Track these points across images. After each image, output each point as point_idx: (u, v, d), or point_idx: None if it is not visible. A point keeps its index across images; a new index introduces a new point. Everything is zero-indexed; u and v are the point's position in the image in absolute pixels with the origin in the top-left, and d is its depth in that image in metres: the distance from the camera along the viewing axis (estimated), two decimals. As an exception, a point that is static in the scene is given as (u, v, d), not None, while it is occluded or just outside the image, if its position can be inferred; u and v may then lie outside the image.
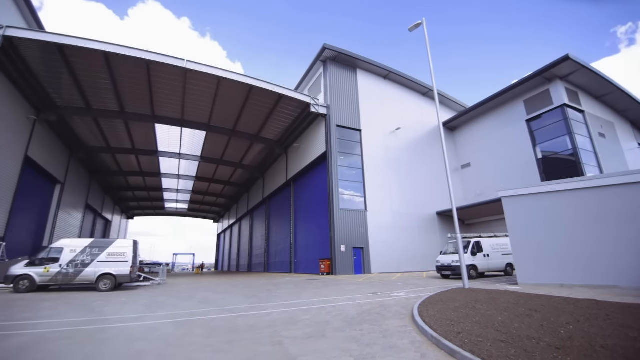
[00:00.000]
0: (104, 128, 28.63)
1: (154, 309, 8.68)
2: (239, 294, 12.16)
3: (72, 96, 23.40)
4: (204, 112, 26.44)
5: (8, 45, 17.80)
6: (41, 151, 25.40)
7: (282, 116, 27.49)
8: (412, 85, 30.64)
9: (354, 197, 24.08)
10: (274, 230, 36.32)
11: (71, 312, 8.11)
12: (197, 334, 5.61)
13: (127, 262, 14.13)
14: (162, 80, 22.41)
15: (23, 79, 20.55)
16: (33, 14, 21.92)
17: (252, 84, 22.73)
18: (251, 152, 34.92)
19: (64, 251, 13.61)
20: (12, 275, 12.82)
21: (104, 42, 19.02)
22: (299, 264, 28.45)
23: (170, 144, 32.87)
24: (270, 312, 7.70)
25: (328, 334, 5.41)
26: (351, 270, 21.74)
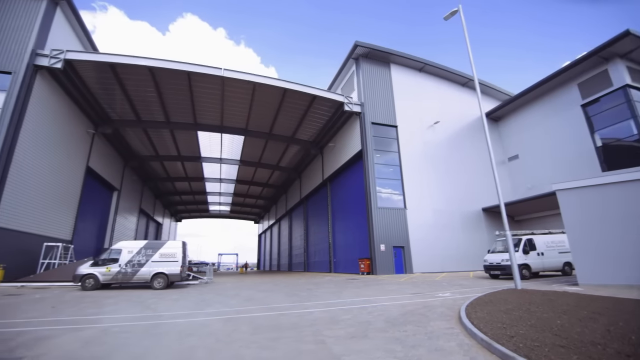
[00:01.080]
0: (152, 138, 30.86)
1: (203, 306, 9.15)
2: (280, 292, 12.44)
3: (124, 110, 25.50)
4: (242, 117, 27.45)
5: (68, 67, 19.83)
6: (100, 162, 28.02)
7: (316, 117, 27.70)
8: (450, 76, 29.31)
9: (392, 195, 23.59)
10: (312, 230, 36.71)
11: (130, 308, 8.82)
12: (244, 331, 5.82)
13: (178, 262, 15.05)
14: (202, 89, 23.63)
15: (82, 97, 22.77)
16: (88, 37, 24.21)
17: (285, 87, 23.18)
18: (287, 153, 35.60)
19: (122, 252, 14.84)
20: (80, 275, 14.24)
21: (148, 57, 20.48)
22: (338, 263, 28.48)
23: (211, 150, 34.56)
24: (312, 311, 7.78)
25: (370, 334, 5.35)
26: (392, 269, 21.31)
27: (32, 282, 16.36)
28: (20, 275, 17.96)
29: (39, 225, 20.04)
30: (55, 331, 5.92)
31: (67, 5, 20.85)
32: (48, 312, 8.13)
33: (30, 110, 18.34)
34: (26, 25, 18.64)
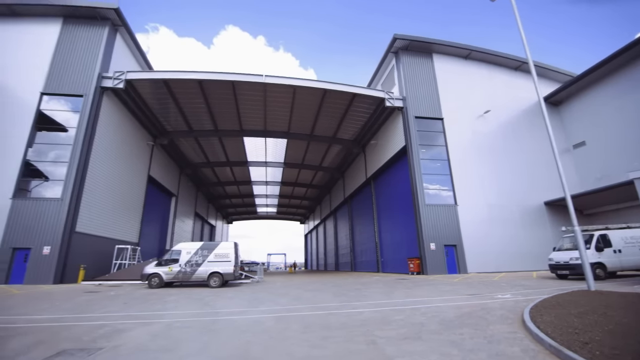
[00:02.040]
0: (203, 146, 32.94)
1: (256, 304, 9.52)
2: (328, 292, 12.50)
3: (178, 121, 27.56)
4: (284, 121, 28.17)
5: (129, 87, 21.92)
6: (159, 170, 30.61)
7: (356, 115, 27.46)
8: (500, 60, 27.20)
9: (440, 191, 22.53)
10: (357, 230, 36.44)
11: (190, 305, 9.47)
12: (294, 329, 5.93)
13: (231, 262, 15.86)
14: (246, 97, 24.69)
15: (141, 112, 25.04)
16: (144, 57, 26.58)
17: (325, 87, 23.32)
18: (329, 154, 35.77)
19: (181, 253, 16.02)
20: (146, 274, 15.65)
21: (196, 71, 21.93)
22: (386, 263, 27.92)
23: (257, 154, 35.94)
24: (361, 311, 7.70)
25: (424, 336, 5.14)
26: (444, 269, 20.34)
27: (107, 281, 18.39)
28: (98, 274, 20.30)
29: (110, 230, 22.44)
30: (128, 325, 6.56)
31: (125, 31, 23.08)
32: (121, 307, 9.04)
33: (99, 128, 20.61)
34: (92, 52, 20.97)
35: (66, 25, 21.30)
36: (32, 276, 16.79)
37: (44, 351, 4.70)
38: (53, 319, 7.32)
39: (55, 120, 19.81)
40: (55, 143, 19.42)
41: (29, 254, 17.18)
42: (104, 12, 21.26)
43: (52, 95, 20.01)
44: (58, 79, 20.20)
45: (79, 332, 5.89)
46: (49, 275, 16.87)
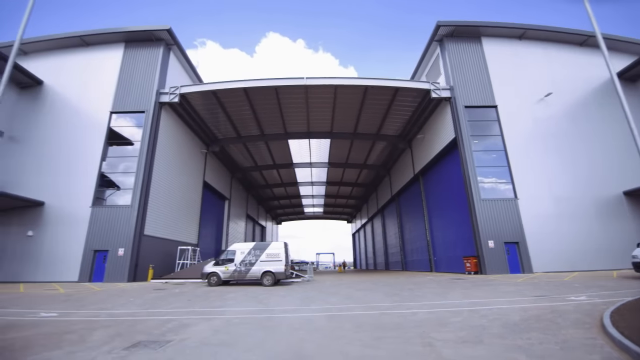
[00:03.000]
0: (251, 150, 34.44)
1: (308, 302, 9.68)
2: (379, 292, 12.27)
3: (227, 129, 29.15)
4: (326, 121, 28.33)
5: (183, 100, 23.65)
6: (212, 176, 32.67)
7: (400, 109, 26.66)
8: (560, 37, 24.47)
9: (497, 184, 20.94)
10: (407, 228, 35.33)
11: (246, 303, 9.91)
12: (347, 328, 5.90)
13: (282, 261, 16.33)
14: (288, 100, 25.30)
15: (195, 122, 26.91)
16: (194, 71, 28.59)
17: (366, 84, 22.99)
18: (374, 151, 35.18)
19: (236, 253, 16.89)
20: (206, 273, 16.77)
21: (241, 80, 23.00)
22: (439, 262, 26.69)
23: (302, 155, 36.63)
24: (416, 312, 7.42)
25: (486, 340, 4.79)
26: (505, 268, 18.85)
27: (172, 279, 20.04)
28: (164, 273, 22.24)
29: (173, 233, 24.44)
30: (192, 320, 7.07)
31: (177, 48, 25.00)
32: (185, 304, 9.77)
33: (159, 140, 22.56)
34: (151, 70, 23.03)
35: (127, 49, 23.69)
36: (110, 275, 18.91)
37: (122, 342, 5.24)
38: (128, 313, 8.14)
39: (122, 135, 22.13)
40: (123, 156, 21.69)
41: (106, 256, 19.39)
42: (158, 34, 23.23)
43: (119, 113, 22.39)
44: (123, 98, 22.53)
45: (151, 326, 6.47)
46: (124, 274, 18.86)
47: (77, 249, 19.61)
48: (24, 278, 19.36)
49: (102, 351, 4.74)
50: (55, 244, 19.94)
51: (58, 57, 24.28)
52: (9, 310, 8.72)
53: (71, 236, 19.88)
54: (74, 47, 24.28)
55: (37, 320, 7.21)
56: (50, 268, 19.54)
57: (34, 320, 7.28)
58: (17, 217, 20.53)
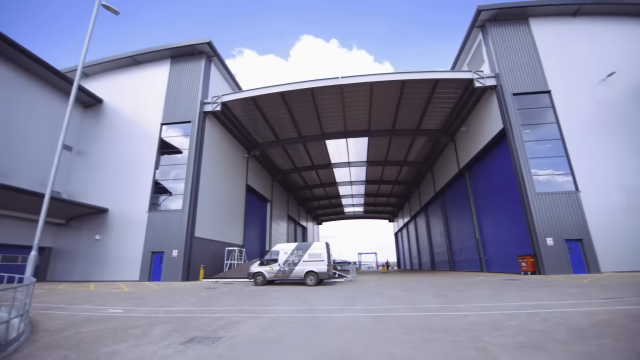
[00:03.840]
0: (290, 153, 35.12)
1: (352, 302, 9.61)
2: (426, 292, 11.83)
3: (266, 133, 30.02)
4: (363, 119, 28.01)
5: (224, 108, 24.77)
6: (254, 179, 33.85)
7: (441, 102, 25.52)
8: (623, 9, 21.79)
9: (554, 176, 19.19)
10: (453, 226, 33.72)
11: (291, 302, 10.09)
12: (394, 330, 5.75)
13: (324, 261, 16.42)
14: (324, 101, 25.41)
15: (236, 129, 28.06)
16: (233, 80, 29.86)
17: (402, 78, 22.34)
18: (414, 147, 34.09)
19: (279, 253, 17.31)
20: (252, 273, 17.39)
21: (278, 85, 23.56)
22: (490, 261, 25.09)
23: (339, 155, 36.58)
24: (467, 314, 7.03)
25: (548, 346, 4.39)
26: (567, 268, 17.19)
27: (221, 278, 21.07)
28: (213, 272, 23.46)
29: (220, 234, 25.69)
30: (240, 318, 7.35)
31: (217, 59, 26.30)
32: (234, 302, 10.20)
33: (205, 147, 23.85)
34: (194, 82, 24.46)
35: (173, 64, 25.41)
36: (166, 275, 20.37)
37: (179, 337, 5.59)
38: (183, 310, 8.68)
39: (172, 144, 23.75)
40: (174, 164, 23.26)
41: (162, 257, 20.91)
42: (200, 47, 24.61)
43: (169, 124, 24.07)
44: (171, 110, 24.20)
45: (204, 323, 6.84)
46: (178, 273, 20.20)
47: (137, 251, 21.42)
48: (94, 277, 21.58)
49: (162, 345, 5.10)
50: (119, 246, 21.97)
51: (114, 77, 26.83)
52: (84, 306, 9.74)
53: (132, 239, 21.78)
54: (126, 66, 26.64)
55: (106, 316, 7.97)
56: (115, 268, 21.58)
57: (103, 316, 8.05)
58: (86, 223, 22.96)
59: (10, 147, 20.62)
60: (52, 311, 8.70)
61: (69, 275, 22.15)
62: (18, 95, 21.46)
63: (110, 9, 12.49)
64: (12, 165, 20.43)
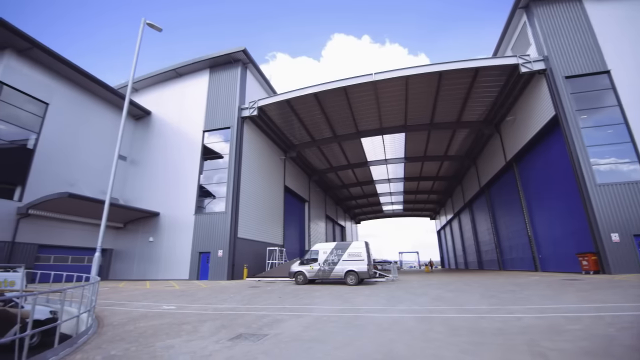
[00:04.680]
0: (325, 153, 35.25)
1: (394, 303, 9.41)
2: (474, 293, 11.24)
3: (302, 134, 30.41)
4: (399, 114, 27.31)
5: (260, 112, 25.49)
6: (292, 180, 34.47)
7: (483, 92, 24.11)
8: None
9: (617, 165, 17.28)
10: (502, 222, 31.69)
11: (332, 301, 10.12)
12: (439, 331, 5.54)
13: (364, 261, 16.26)
14: (358, 98, 25.16)
15: (272, 132, 28.75)
16: (268, 84, 30.67)
17: (439, 69, 21.44)
18: (455, 140, 32.56)
19: (319, 253, 17.44)
20: (293, 272, 17.72)
21: (311, 86, 23.76)
22: (546, 260, 23.22)
23: (375, 153, 36.01)
24: (520, 317, 6.57)
25: (616, 352, 3.96)
26: (637, 267, 15.39)
27: (264, 277, 21.71)
28: (256, 271, 24.26)
29: (261, 234, 26.50)
30: (284, 316, 7.52)
31: (252, 66, 27.18)
32: (277, 300, 10.45)
33: (244, 151, 24.74)
34: (232, 89, 25.49)
35: (212, 73, 26.71)
36: (213, 273, 21.43)
37: (226, 334, 5.86)
38: (230, 308, 9.08)
39: (214, 150, 24.95)
40: (216, 168, 24.43)
41: (209, 257, 22.04)
42: (236, 55, 25.58)
43: (210, 131, 25.33)
44: (212, 117, 25.44)
45: (249, 320, 7.10)
46: (224, 273, 21.16)
47: (186, 251, 22.80)
48: (149, 276, 23.33)
49: (211, 341, 5.38)
50: (170, 247, 23.54)
51: (159, 89, 28.86)
52: (141, 303, 10.56)
53: (181, 240, 23.23)
54: (170, 79, 28.50)
55: (161, 312, 8.57)
56: (167, 267, 23.15)
57: (158, 312, 8.67)
58: (141, 226, 24.88)
59: (76, 160, 22.99)
60: (114, 307, 9.54)
61: (128, 274, 24.16)
62: (82, 113, 23.88)
63: (154, 26, 13.41)
64: (78, 176, 22.76)
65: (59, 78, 22.49)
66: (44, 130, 21.00)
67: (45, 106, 21.32)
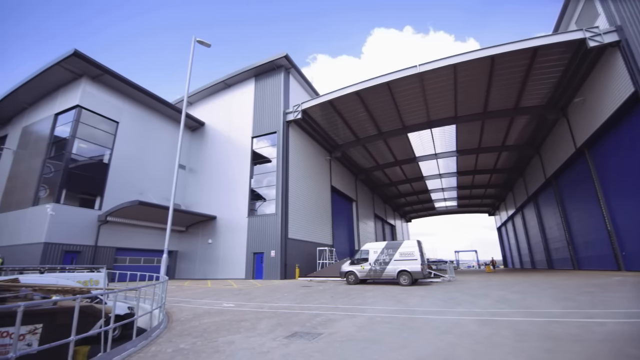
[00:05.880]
0: (371, 151, 34.72)
1: (452, 304, 8.93)
2: (544, 295, 10.22)
3: (346, 134, 30.32)
4: (448, 105, 25.91)
5: (304, 114, 25.91)
6: (338, 180, 34.53)
7: (544, 73, 21.85)
8: None
9: None
10: (574, 216, 28.41)
11: (385, 302, 9.91)
12: (505, 336, 5.12)
13: (417, 260, 15.67)
14: (402, 93, 24.38)
15: (316, 133, 29.08)
16: (310, 86, 31.13)
17: (491, 53, 19.87)
18: (513, 128, 29.94)
19: (369, 252, 17.20)
20: (344, 272, 17.71)
21: (353, 84, 23.56)
22: (631, 257, 20.29)
23: (424, 148, 34.55)
24: (602, 322, 5.82)
25: None
26: None
27: (315, 277, 22.01)
28: (307, 271, 24.68)
29: (311, 235, 26.93)
30: (337, 316, 7.53)
31: (294, 71, 27.82)
32: (329, 300, 10.52)
33: (290, 154, 25.38)
34: (276, 94, 26.31)
35: (257, 82, 27.86)
36: (267, 273, 22.29)
37: (282, 331, 6.03)
38: (284, 306, 9.34)
39: (262, 155, 25.98)
40: (265, 172, 25.40)
41: (262, 257, 22.96)
42: (278, 61, 26.38)
43: (258, 137, 26.43)
44: (259, 123, 26.52)
45: (303, 319, 7.23)
46: (277, 272, 21.88)
47: (241, 252, 24.04)
48: (209, 276, 25.00)
49: (268, 338, 5.58)
50: (227, 248, 25.00)
51: (210, 101, 30.90)
52: (203, 301, 11.34)
53: (236, 242, 24.55)
54: (219, 90, 30.35)
55: (222, 309, 9.11)
56: (225, 267, 24.62)
57: (219, 309, 9.23)
58: (201, 229, 26.79)
59: (143, 171, 25.53)
60: (181, 304, 10.37)
61: (191, 274, 26.15)
62: (146, 128, 26.50)
63: (203, 43, 14.36)
64: (145, 185, 25.24)
65: (126, 98, 25.19)
66: (116, 146, 23.66)
67: (116, 124, 24.01)
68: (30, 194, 21.14)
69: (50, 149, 21.92)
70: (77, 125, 21.49)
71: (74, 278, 9.49)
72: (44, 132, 22.85)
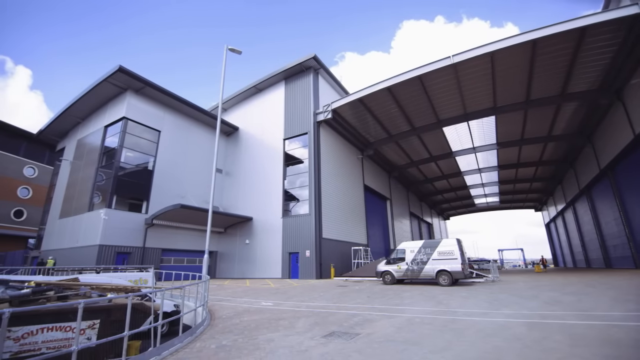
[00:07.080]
0: (404, 147, 33.89)
1: (497, 306, 8.47)
2: (602, 296, 9.37)
3: (377, 131, 29.86)
4: (485, 96, 24.60)
5: (335, 114, 25.88)
6: (371, 178, 34.11)
7: (593, 55, 20.02)
8: None
9: None
10: (635, 210, 25.71)
11: (424, 302, 9.62)
12: (558, 340, 4.76)
13: (457, 260, 15.03)
14: (436, 86, 23.54)
15: (347, 132, 28.92)
16: (339, 85, 31.00)
17: (532, 37, 18.54)
18: (560, 116, 27.74)
19: (406, 252, 16.79)
20: (380, 271, 17.44)
21: (383, 80, 23.13)
22: None
23: (461, 142, 33.09)
24: (675, 326, 5.21)
25: None
26: None
27: (351, 277, 21.90)
28: (342, 271, 24.64)
29: (345, 234, 26.85)
30: (374, 316, 7.44)
31: (323, 71, 27.88)
32: (366, 300, 10.42)
33: (322, 155, 25.49)
34: (306, 96, 26.53)
35: (287, 84, 28.28)
36: (302, 272, 22.56)
37: (320, 331, 6.07)
38: (321, 306, 9.40)
39: (294, 156, 26.32)
40: (298, 173, 25.71)
41: (298, 257, 23.27)
42: (307, 63, 26.59)
43: (289, 138, 26.82)
44: (290, 125, 26.91)
45: (340, 319, 7.23)
46: (312, 272, 22.07)
47: (277, 252, 24.54)
48: (247, 275, 25.80)
49: (306, 337, 5.64)
50: (263, 248, 25.65)
51: (243, 106, 31.86)
52: (243, 299, 11.72)
53: (272, 242, 25.10)
54: (251, 95, 31.22)
55: (261, 308, 9.37)
56: (262, 267, 25.27)
57: (258, 307, 9.49)
58: (239, 230, 27.73)
59: (184, 176, 26.95)
60: (222, 302, 10.80)
61: (230, 273, 27.16)
62: (185, 135, 27.96)
63: (235, 50, 14.86)
64: (186, 189, 26.62)
65: (166, 108, 26.74)
66: (159, 153, 25.21)
67: (158, 133, 25.57)
68: (86, 200, 23.14)
69: (101, 159, 23.86)
70: (124, 136, 23.19)
71: (126, 277, 10.26)
72: (95, 143, 24.91)
